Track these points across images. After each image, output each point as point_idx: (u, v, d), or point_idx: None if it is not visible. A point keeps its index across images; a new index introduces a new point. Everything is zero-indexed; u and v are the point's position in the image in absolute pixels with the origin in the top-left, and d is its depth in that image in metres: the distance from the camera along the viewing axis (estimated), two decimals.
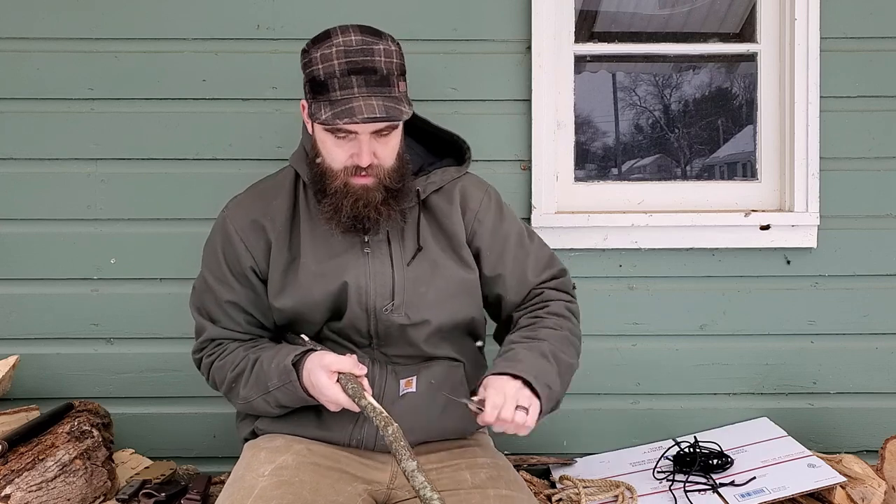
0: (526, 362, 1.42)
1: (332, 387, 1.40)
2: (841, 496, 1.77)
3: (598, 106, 2.34)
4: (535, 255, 1.65)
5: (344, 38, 1.43)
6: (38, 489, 1.62)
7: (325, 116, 1.40)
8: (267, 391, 1.48)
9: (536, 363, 1.43)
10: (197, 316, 1.62)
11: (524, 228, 1.68)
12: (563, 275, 1.67)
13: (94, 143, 2.07)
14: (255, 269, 1.57)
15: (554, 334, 1.52)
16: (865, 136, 2.14)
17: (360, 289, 1.53)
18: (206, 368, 1.61)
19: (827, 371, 2.17)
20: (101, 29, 2.05)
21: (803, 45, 2.10)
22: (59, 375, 2.10)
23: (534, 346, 1.48)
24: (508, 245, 1.63)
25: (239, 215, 1.59)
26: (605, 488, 1.88)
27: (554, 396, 1.44)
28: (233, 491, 1.40)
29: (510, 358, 1.44)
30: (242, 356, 1.55)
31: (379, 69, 1.43)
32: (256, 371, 1.50)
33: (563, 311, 1.59)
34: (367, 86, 1.42)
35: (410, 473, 1.24)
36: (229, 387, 1.55)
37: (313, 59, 1.44)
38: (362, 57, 1.42)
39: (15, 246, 2.08)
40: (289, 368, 1.45)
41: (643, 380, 2.16)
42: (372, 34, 1.46)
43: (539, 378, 1.40)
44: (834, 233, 2.14)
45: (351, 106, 1.39)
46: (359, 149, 1.45)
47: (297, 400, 1.47)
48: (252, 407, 1.53)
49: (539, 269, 1.64)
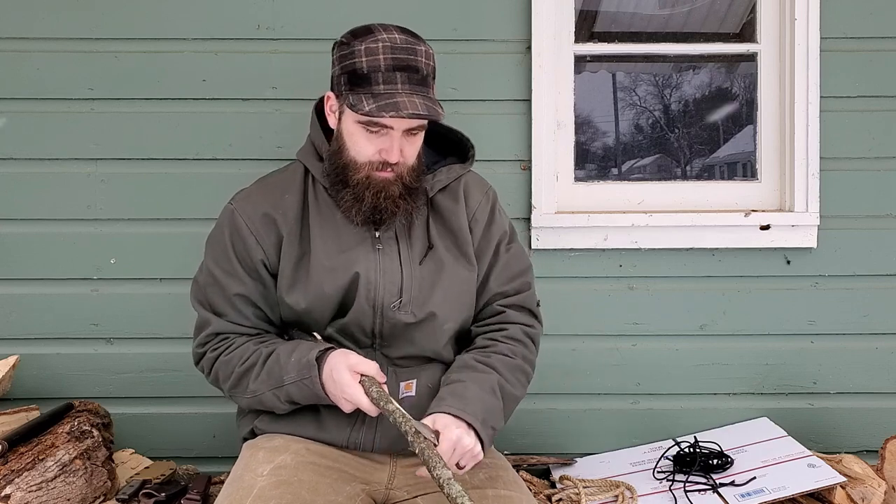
0: (476, 404, 1.43)
1: (354, 385, 1.41)
2: (841, 496, 1.77)
3: (598, 106, 2.34)
4: (506, 262, 1.64)
5: (388, 35, 1.45)
6: (38, 489, 1.62)
7: (368, 108, 1.41)
8: (280, 385, 1.47)
9: (484, 404, 1.45)
10: (200, 310, 1.60)
11: (507, 234, 1.67)
12: (527, 289, 1.66)
13: (94, 143, 2.07)
14: (266, 263, 1.57)
15: (507, 363, 1.54)
16: (865, 136, 2.14)
17: (369, 283, 1.53)
18: (210, 363, 1.58)
19: (827, 371, 2.17)
20: (101, 29, 2.05)
21: (803, 45, 2.10)
22: (59, 375, 2.10)
23: (484, 378, 1.49)
24: (489, 249, 1.63)
25: (249, 208, 1.58)
26: (605, 488, 1.88)
27: (495, 434, 1.48)
28: (232, 491, 1.40)
29: (460, 394, 1.45)
30: (253, 350, 1.54)
31: (420, 69, 1.45)
32: (270, 365, 1.50)
33: (520, 336, 1.60)
34: (410, 83, 1.44)
35: (446, 482, 1.24)
36: (236, 381, 1.53)
37: (356, 51, 1.44)
38: (406, 55, 1.44)
39: (15, 246, 2.08)
40: (311, 363, 1.45)
41: (643, 380, 2.16)
42: (412, 35, 1.49)
43: (486, 422, 1.43)
44: (834, 233, 2.14)
45: (396, 101, 1.40)
46: (390, 144, 1.47)
47: (310, 397, 1.47)
48: (260, 401, 1.52)
49: (505, 278, 1.63)
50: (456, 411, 1.41)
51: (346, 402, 1.43)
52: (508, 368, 1.53)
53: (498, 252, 1.64)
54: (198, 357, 1.62)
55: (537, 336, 1.65)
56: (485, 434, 1.42)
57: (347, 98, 1.45)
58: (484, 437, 1.41)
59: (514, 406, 1.56)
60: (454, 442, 1.36)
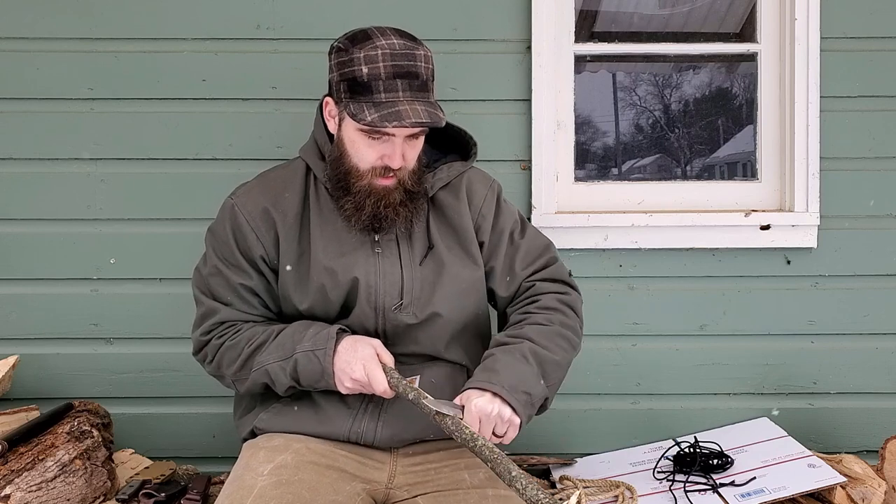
0: (503, 372, 1.42)
1: (374, 359, 1.43)
2: (841, 496, 1.77)
3: (598, 106, 2.33)
4: (525, 247, 1.65)
5: (387, 41, 1.44)
6: (37, 489, 1.62)
7: (371, 118, 1.41)
8: (291, 354, 1.47)
9: (514, 371, 1.44)
10: (205, 299, 1.59)
11: (519, 222, 1.68)
12: (554, 262, 1.66)
13: (94, 142, 2.07)
14: (266, 259, 1.58)
15: (541, 330, 1.52)
16: (865, 136, 2.14)
17: (369, 287, 1.54)
18: (214, 350, 1.58)
19: (827, 371, 2.17)
20: (101, 29, 2.05)
21: (803, 45, 2.10)
22: (59, 375, 2.10)
23: (514, 348, 1.48)
24: (503, 239, 1.64)
25: (249, 203, 1.58)
26: (605, 488, 1.88)
27: (535, 401, 1.45)
28: (232, 490, 1.40)
29: (488, 367, 1.45)
30: (263, 330, 1.54)
31: (420, 74, 1.45)
32: (282, 338, 1.50)
33: (553, 304, 1.58)
34: (411, 90, 1.44)
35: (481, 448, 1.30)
36: (242, 362, 1.53)
37: (355, 59, 1.44)
38: (406, 61, 1.44)
39: (15, 246, 2.08)
40: (331, 336, 1.46)
41: (643, 380, 2.16)
42: (410, 38, 1.48)
43: (515, 388, 1.41)
44: (834, 233, 2.14)
45: (398, 109, 1.41)
46: (392, 151, 1.47)
47: (314, 373, 1.46)
48: (266, 372, 1.50)
49: (528, 260, 1.64)
50: (479, 384, 1.41)
51: (352, 380, 1.43)
52: (543, 335, 1.52)
53: (513, 240, 1.64)
54: (201, 345, 1.61)
55: (574, 302, 1.62)
56: (514, 399, 1.40)
57: (348, 106, 1.45)
58: (513, 401, 1.40)
59: (560, 371, 1.53)
60: (477, 411, 1.37)
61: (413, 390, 1.41)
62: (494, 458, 1.28)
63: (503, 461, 1.27)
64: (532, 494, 1.21)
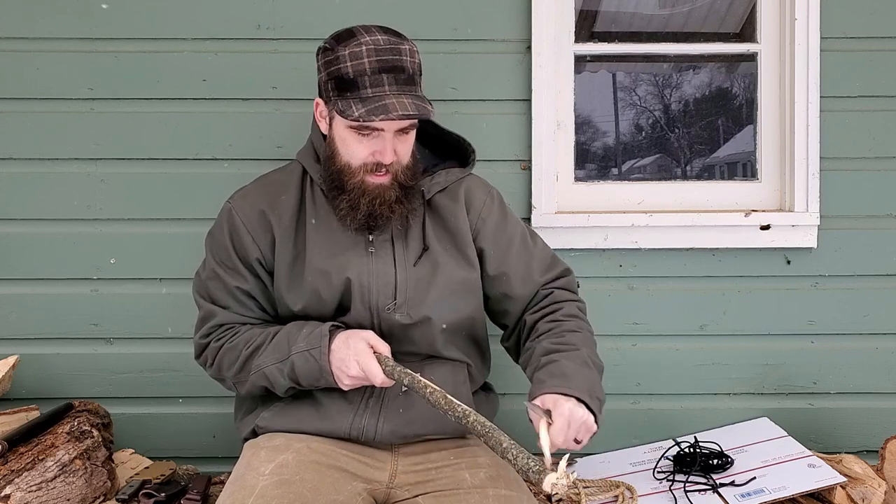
0: (576, 378, 1.41)
1: (368, 352, 1.42)
2: (841, 496, 1.77)
3: (598, 106, 2.33)
4: (539, 255, 1.66)
5: (371, 38, 1.44)
6: (37, 489, 1.62)
7: (358, 113, 1.41)
8: (287, 356, 1.47)
9: (585, 377, 1.42)
10: (204, 303, 1.61)
11: (527, 230, 1.70)
12: (568, 273, 1.69)
13: (94, 143, 2.07)
14: (262, 262, 1.58)
15: (581, 337, 1.53)
16: (865, 136, 2.14)
17: (362, 287, 1.54)
18: (214, 352, 1.58)
19: (827, 371, 2.17)
20: (101, 29, 2.05)
21: (803, 45, 2.10)
22: (59, 375, 2.10)
23: (574, 355, 1.47)
24: (513, 244, 1.64)
25: (245, 207, 1.59)
26: (605, 488, 1.87)
27: (603, 405, 1.44)
28: (233, 490, 1.40)
29: (557, 373, 1.42)
30: (260, 332, 1.55)
31: (406, 68, 1.45)
32: (278, 340, 1.51)
33: (577, 313, 1.60)
34: (398, 84, 1.44)
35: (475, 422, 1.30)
36: (242, 364, 1.53)
37: (341, 56, 1.44)
38: (391, 56, 1.44)
39: (15, 246, 2.08)
40: (323, 334, 1.46)
41: (643, 380, 2.16)
42: (395, 34, 1.48)
43: (592, 394, 1.40)
44: (834, 233, 2.14)
45: (384, 103, 1.41)
46: (382, 146, 1.47)
47: (312, 371, 1.46)
48: (264, 375, 1.51)
49: (543, 268, 1.65)
50: (560, 388, 1.38)
51: (350, 377, 1.43)
52: (584, 342, 1.52)
53: (526, 245, 1.65)
54: (201, 348, 1.62)
55: (586, 312, 1.65)
56: (594, 405, 1.39)
57: (336, 104, 1.45)
58: (594, 407, 1.38)
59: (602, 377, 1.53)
60: (568, 416, 1.33)
61: (407, 374, 1.39)
62: (486, 431, 1.28)
63: (495, 433, 1.27)
64: (524, 463, 1.23)
